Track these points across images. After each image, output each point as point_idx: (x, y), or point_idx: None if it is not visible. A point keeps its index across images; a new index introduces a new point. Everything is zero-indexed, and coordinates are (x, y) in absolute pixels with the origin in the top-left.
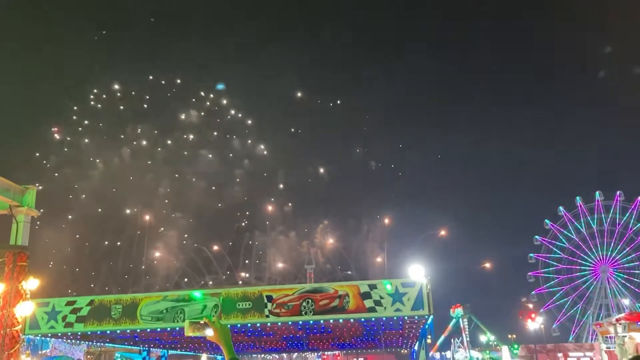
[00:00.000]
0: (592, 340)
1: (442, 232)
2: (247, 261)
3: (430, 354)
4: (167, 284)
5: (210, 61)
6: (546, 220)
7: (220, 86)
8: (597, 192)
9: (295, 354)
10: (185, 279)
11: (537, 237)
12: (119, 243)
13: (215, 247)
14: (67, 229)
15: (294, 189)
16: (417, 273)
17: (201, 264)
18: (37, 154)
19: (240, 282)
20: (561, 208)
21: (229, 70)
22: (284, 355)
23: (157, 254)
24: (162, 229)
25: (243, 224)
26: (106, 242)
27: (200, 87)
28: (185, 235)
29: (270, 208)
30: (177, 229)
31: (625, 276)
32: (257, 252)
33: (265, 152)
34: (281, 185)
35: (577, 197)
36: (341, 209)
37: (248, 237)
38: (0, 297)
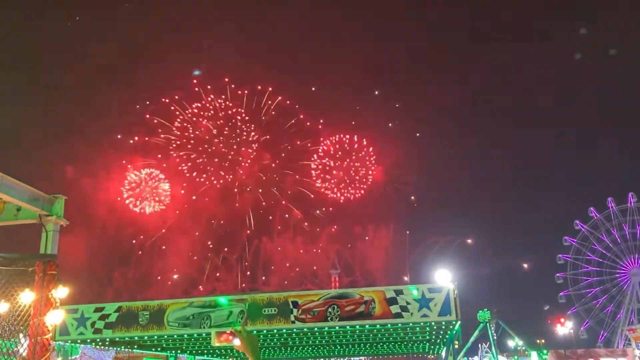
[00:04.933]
0: (623, 345)
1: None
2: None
3: (458, 359)
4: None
5: None
6: (576, 221)
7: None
8: (630, 194)
9: None
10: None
11: (566, 238)
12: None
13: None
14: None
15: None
16: (444, 278)
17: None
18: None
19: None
20: (592, 209)
21: None
22: None
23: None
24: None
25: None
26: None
27: None
28: None
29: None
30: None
31: None
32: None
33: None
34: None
35: (609, 199)
36: (358, 213)
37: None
38: (30, 306)
